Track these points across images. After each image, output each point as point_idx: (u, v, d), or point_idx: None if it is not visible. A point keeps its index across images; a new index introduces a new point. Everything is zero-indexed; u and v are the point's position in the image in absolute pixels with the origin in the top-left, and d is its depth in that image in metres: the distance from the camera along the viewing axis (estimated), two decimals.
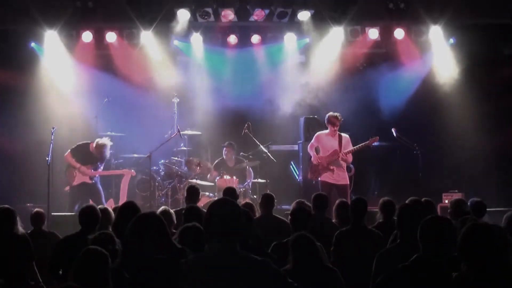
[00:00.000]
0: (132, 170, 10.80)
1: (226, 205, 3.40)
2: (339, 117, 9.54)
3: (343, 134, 9.69)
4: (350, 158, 9.63)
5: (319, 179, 9.65)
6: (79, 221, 5.46)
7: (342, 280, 4.47)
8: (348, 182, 9.63)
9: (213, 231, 3.34)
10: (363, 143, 9.67)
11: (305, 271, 4.24)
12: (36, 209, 6.78)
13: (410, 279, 3.49)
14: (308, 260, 4.28)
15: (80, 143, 10.20)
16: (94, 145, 10.10)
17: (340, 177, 9.56)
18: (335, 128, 9.56)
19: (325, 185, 9.54)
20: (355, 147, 9.65)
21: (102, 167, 10.34)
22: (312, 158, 9.76)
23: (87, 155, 10.11)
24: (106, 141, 10.19)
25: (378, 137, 9.70)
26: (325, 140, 9.70)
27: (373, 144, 9.72)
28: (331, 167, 9.54)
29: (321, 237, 5.06)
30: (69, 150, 10.12)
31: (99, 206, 6.21)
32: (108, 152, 10.21)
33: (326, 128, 9.79)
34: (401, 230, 4.43)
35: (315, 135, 9.86)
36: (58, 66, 11.65)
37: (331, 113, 9.64)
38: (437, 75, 11.91)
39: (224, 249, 3.31)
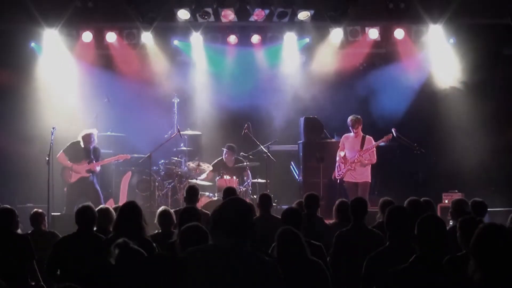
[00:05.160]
0: (127, 155, 10.73)
1: (240, 203, 3.51)
2: (358, 119, 9.97)
3: (367, 136, 10.06)
4: (372, 157, 10.02)
5: (344, 179, 10.09)
6: (76, 221, 5.46)
7: (326, 271, 4.51)
8: (369, 180, 10.05)
9: (225, 226, 3.39)
10: (378, 141, 10.03)
11: (289, 264, 4.28)
12: (34, 210, 6.80)
13: (410, 279, 3.48)
14: (292, 252, 4.35)
15: (71, 142, 10.21)
16: (81, 139, 10.11)
17: (362, 175, 9.98)
18: (356, 130, 9.97)
19: (350, 184, 10.04)
20: (371, 145, 9.99)
21: (97, 162, 10.31)
22: (337, 158, 10.18)
23: (80, 151, 10.11)
24: (90, 129, 10.21)
25: (391, 134, 10.04)
26: (350, 141, 10.13)
27: (388, 141, 10.08)
28: (353, 166, 9.96)
29: (312, 235, 5.07)
30: (61, 151, 10.11)
31: (101, 206, 6.22)
32: (96, 138, 10.18)
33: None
34: (389, 232, 4.44)
35: (342, 137, 10.31)
36: (58, 66, 11.65)
37: (351, 116, 10.08)
38: (437, 75, 11.91)
39: (233, 242, 3.36)
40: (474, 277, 3.18)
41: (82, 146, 10.13)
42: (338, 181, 10.27)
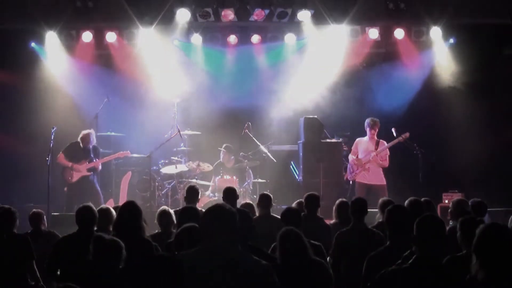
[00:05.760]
0: (127, 151, 10.75)
1: (222, 207, 3.60)
2: (377, 122, 10.11)
3: (380, 140, 10.19)
4: (384, 161, 10.11)
5: (355, 180, 10.21)
6: (76, 221, 5.46)
7: (329, 272, 4.51)
8: (385, 183, 10.10)
9: (215, 230, 3.49)
10: (393, 141, 10.12)
11: (292, 265, 4.28)
12: (33, 210, 6.80)
13: (410, 280, 3.48)
14: (295, 253, 4.34)
15: (71, 142, 10.23)
16: (80, 139, 10.14)
17: (376, 177, 10.06)
18: (373, 132, 10.09)
19: (360, 185, 10.12)
20: (387, 144, 10.10)
21: (98, 160, 10.32)
22: (350, 160, 10.31)
23: (79, 151, 10.15)
24: (88, 130, 10.26)
25: (408, 133, 10.16)
26: (363, 144, 10.25)
27: (404, 141, 10.17)
28: (367, 167, 10.06)
29: (312, 235, 5.07)
30: (61, 152, 10.13)
31: (101, 206, 6.22)
32: (94, 137, 10.23)
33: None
34: (389, 232, 4.45)
35: (355, 141, 10.39)
36: (58, 66, 11.66)
37: (370, 118, 10.18)
38: (437, 75, 11.92)
39: (222, 245, 3.43)
40: (478, 277, 3.18)
41: (81, 146, 10.15)
42: (350, 183, 10.42)
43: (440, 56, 11.81)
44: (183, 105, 11.77)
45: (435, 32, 11.48)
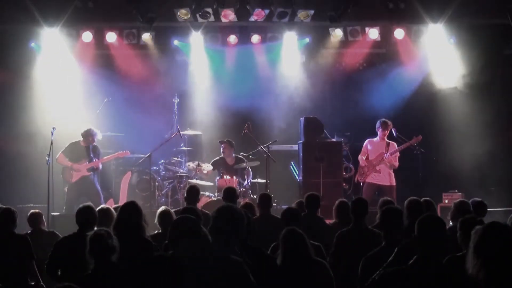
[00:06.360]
0: (127, 151, 10.76)
1: (233, 210, 3.86)
2: (389, 123, 10.18)
3: (391, 142, 10.26)
4: (395, 161, 10.19)
5: (365, 181, 10.31)
6: (77, 221, 5.47)
7: (330, 272, 4.52)
8: (394, 184, 10.17)
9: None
10: (406, 143, 10.19)
11: (294, 265, 4.29)
12: (32, 210, 6.82)
13: (411, 280, 3.48)
14: (296, 254, 4.34)
15: (71, 142, 10.23)
16: (82, 137, 10.14)
17: (385, 178, 10.14)
18: (385, 133, 10.15)
19: (369, 186, 10.24)
20: (398, 147, 10.18)
21: (98, 160, 10.33)
22: (360, 162, 10.38)
23: (79, 151, 10.15)
24: (88, 125, 10.24)
25: (421, 136, 10.23)
26: (373, 144, 10.33)
27: (416, 143, 10.25)
28: (378, 168, 10.17)
29: (312, 235, 5.08)
30: (60, 152, 10.12)
31: (102, 206, 6.22)
32: (96, 133, 10.20)
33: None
34: (385, 233, 4.45)
35: (365, 142, 10.44)
36: (58, 66, 11.65)
37: (382, 119, 10.25)
38: (437, 75, 11.92)
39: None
40: (478, 276, 3.17)
41: (82, 144, 10.16)
42: (361, 184, 10.48)
43: (440, 56, 11.80)
44: (183, 105, 11.78)
45: (435, 32, 11.48)
